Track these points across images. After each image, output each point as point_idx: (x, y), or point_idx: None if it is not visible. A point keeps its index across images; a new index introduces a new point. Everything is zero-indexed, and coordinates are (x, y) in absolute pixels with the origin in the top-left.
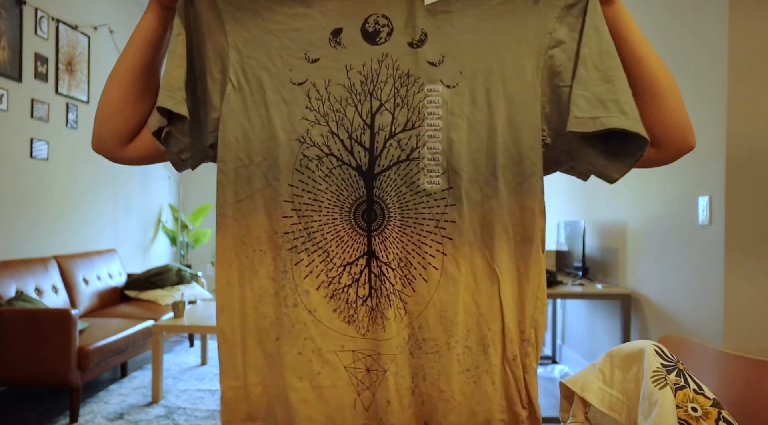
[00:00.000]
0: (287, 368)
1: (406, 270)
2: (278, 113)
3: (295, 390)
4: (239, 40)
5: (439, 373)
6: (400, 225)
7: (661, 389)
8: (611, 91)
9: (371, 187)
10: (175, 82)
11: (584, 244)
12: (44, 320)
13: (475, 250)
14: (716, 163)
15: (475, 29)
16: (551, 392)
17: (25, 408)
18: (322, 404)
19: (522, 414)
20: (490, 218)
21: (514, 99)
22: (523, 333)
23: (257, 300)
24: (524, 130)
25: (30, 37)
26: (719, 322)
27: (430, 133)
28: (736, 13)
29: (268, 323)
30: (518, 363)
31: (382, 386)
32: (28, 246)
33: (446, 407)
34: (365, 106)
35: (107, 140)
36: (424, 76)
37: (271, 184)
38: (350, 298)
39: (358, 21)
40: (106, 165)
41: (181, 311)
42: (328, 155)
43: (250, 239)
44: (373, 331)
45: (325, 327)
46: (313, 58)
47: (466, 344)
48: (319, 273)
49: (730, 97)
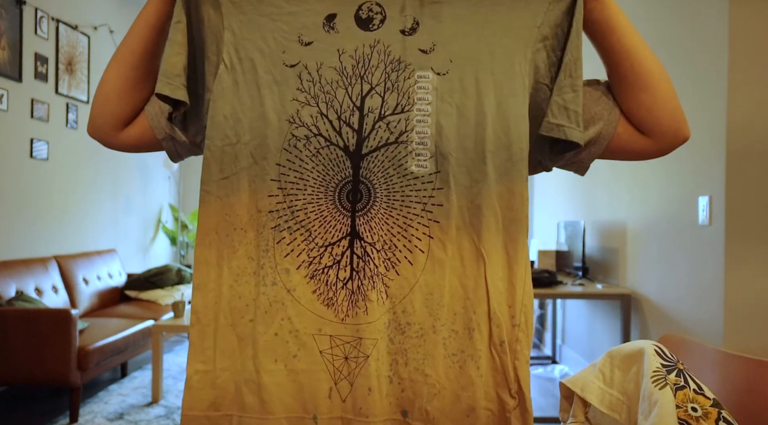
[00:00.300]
0: (262, 350)
1: (390, 253)
2: (269, 94)
3: (269, 372)
4: (234, 22)
5: (424, 357)
6: (386, 207)
7: (661, 389)
8: (575, 102)
9: (358, 167)
10: (173, 68)
11: (584, 244)
12: (44, 320)
13: (462, 234)
14: (716, 163)
15: (466, 20)
16: (551, 392)
17: (25, 408)
18: (296, 387)
19: (510, 404)
20: (478, 202)
21: (503, 88)
22: (513, 317)
23: (234, 279)
24: (513, 117)
25: (30, 37)
26: (719, 322)
27: (419, 117)
28: (737, 14)
29: (243, 304)
30: (506, 349)
31: (362, 373)
32: (28, 246)
33: (431, 392)
34: (356, 89)
35: (103, 124)
36: (414, 62)
37: (259, 162)
38: (330, 280)
39: (352, 8)
40: (106, 165)
41: (181, 311)
42: (317, 135)
43: (232, 217)
44: (353, 316)
45: (303, 308)
46: (307, 41)
47: (452, 328)
48: (300, 252)
49: (730, 96)
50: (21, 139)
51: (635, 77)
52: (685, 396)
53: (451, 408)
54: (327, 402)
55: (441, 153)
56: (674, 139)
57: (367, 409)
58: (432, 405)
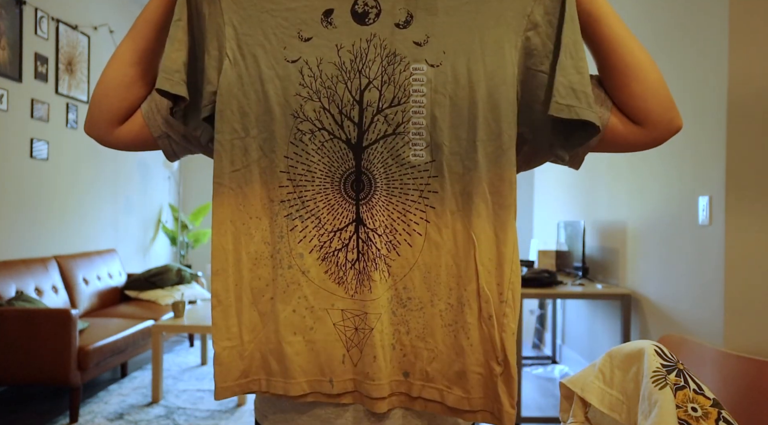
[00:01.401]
0: (282, 324)
1: (391, 236)
2: (273, 89)
3: (290, 343)
4: (235, 18)
5: (424, 327)
6: (386, 195)
7: (661, 389)
8: (581, 83)
9: (359, 159)
10: (173, 64)
11: (584, 244)
12: (44, 320)
13: (456, 218)
14: (716, 163)
15: (457, 11)
16: (551, 392)
17: (25, 408)
18: (314, 355)
19: (497, 370)
20: (470, 189)
21: (494, 77)
22: (501, 294)
23: (253, 262)
24: (502, 106)
25: (30, 37)
26: (719, 322)
27: (414, 109)
28: (737, 17)
29: (263, 284)
30: (493, 323)
31: (368, 343)
32: (28, 246)
33: (430, 355)
34: (354, 83)
35: (100, 121)
36: (409, 55)
37: (268, 155)
38: (340, 261)
39: (348, 2)
40: (106, 165)
41: (181, 311)
42: (321, 129)
43: (247, 206)
44: (360, 293)
45: (317, 287)
46: (306, 37)
47: (448, 301)
48: (312, 238)
49: (731, 96)
50: (21, 139)
51: (625, 67)
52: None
53: (447, 369)
54: (341, 367)
55: (435, 143)
56: (667, 128)
57: (373, 374)
58: (431, 366)
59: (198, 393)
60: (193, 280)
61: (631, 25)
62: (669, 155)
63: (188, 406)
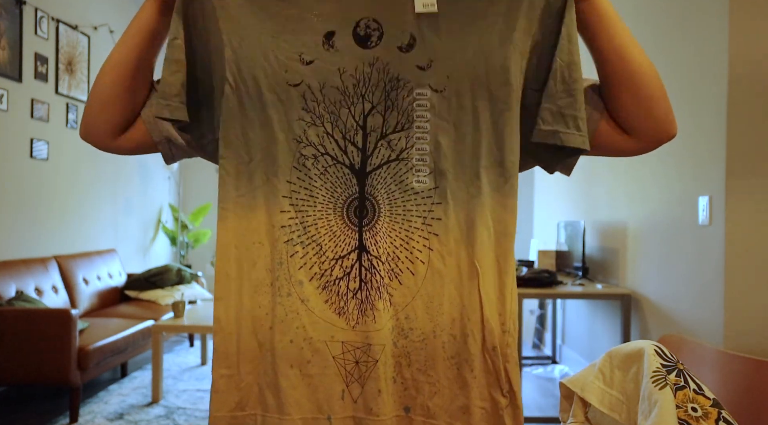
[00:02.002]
0: (278, 355)
1: (394, 264)
2: (276, 114)
3: (286, 376)
4: (234, 39)
5: (426, 359)
6: (389, 221)
7: (661, 389)
8: (572, 106)
9: (363, 185)
10: (170, 89)
11: (584, 244)
12: (44, 320)
13: (460, 246)
14: (716, 163)
15: (462, 32)
16: (551, 392)
17: (25, 408)
18: (311, 391)
19: (502, 403)
20: (473, 216)
21: (498, 102)
22: (503, 324)
23: (254, 290)
24: (507, 132)
25: (30, 37)
26: (719, 322)
27: (418, 135)
28: (737, 17)
29: (263, 312)
30: (498, 354)
31: (372, 376)
32: (28, 246)
33: (432, 390)
34: (358, 108)
35: (98, 131)
36: (413, 79)
37: (270, 180)
38: (341, 291)
39: (350, 24)
40: (106, 165)
41: (181, 311)
42: (324, 154)
43: (250, 232)
44: (362, 324)
45: (317, 317)
46: (308, 61)
47: (450, 333)
48: (312, 265)
49: (730, 96)
50: (21, 139)
51: (626, 78)
52: (685, 396)
53: (450, 404)
54: (340, 403)
55: (439, 169)
56: (654, 139)
57: (377, 409)
58: (433, 401)
59: (198, 393)
60: (193, 280)
61: (629, 24)
62: (669, 155)
63: (188, 406)
